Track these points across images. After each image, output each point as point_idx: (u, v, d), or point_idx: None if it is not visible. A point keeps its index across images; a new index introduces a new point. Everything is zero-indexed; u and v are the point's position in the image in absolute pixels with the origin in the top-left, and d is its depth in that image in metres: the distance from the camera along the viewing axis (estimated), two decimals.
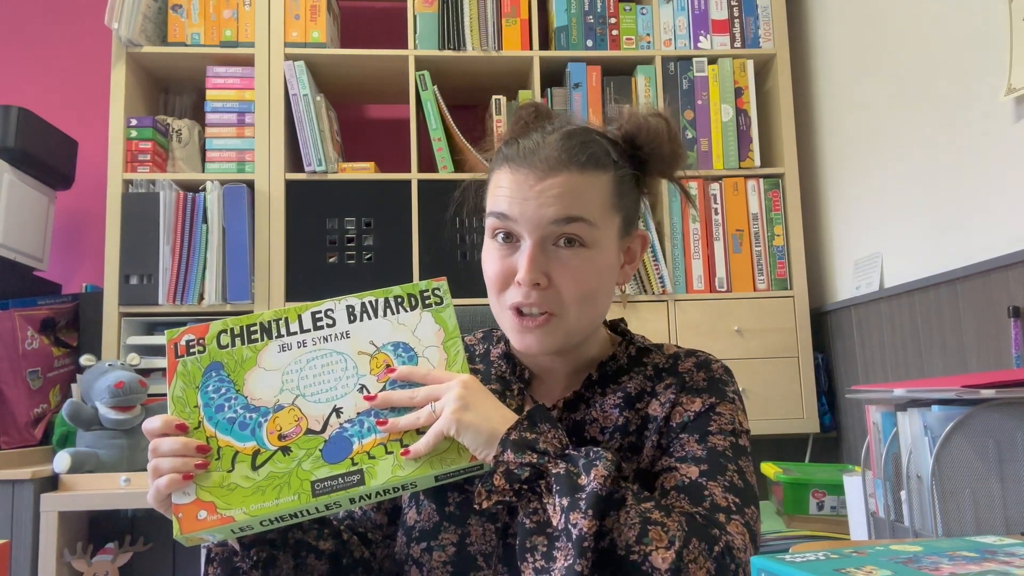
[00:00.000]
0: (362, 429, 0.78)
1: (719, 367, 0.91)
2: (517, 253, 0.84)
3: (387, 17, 2.62)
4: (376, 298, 0.84)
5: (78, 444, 1.89)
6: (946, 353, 1.77)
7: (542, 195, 0.82)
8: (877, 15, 2.09)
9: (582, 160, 0.84)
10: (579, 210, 0.82)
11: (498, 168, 0.87)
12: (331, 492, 0.75)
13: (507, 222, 0.84)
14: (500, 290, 0.86)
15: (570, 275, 0.83)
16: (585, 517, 0.70)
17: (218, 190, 2.16)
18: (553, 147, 0.84)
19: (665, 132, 0.89)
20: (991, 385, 1.09)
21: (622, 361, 0.92)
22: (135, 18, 2.17)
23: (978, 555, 0.51)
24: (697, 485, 0.80)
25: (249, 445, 0.77)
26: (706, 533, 0.74)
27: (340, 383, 0.80)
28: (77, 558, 1.82)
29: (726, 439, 0.84)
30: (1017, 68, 1.53)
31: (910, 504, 1.22)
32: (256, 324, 0.82)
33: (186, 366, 0.80)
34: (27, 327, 2.05)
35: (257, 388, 0.80)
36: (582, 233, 0.83)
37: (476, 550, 0.84)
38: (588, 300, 0.85)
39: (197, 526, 0.74)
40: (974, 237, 1.70)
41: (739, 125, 2.37)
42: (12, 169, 2.11)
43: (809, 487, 1.89)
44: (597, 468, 0.73)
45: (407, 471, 0.77)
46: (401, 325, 0.83)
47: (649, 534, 0.72)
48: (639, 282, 2.25)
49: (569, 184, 0.83)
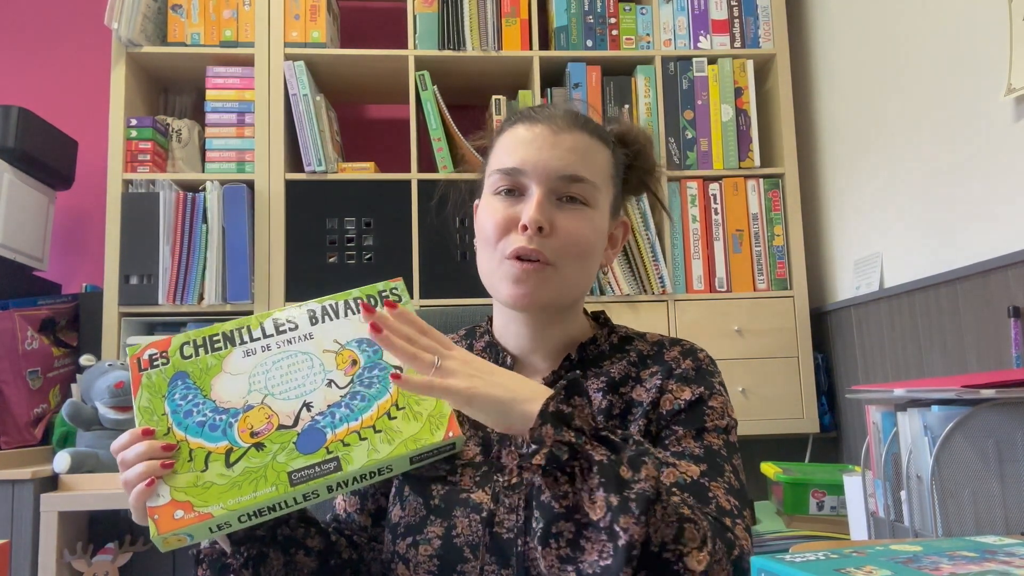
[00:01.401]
0: (334, 420, 0.79)
1: (705, 356, 0.93)
2: (521, 203, 0.87)
3: (387, 17, 2.62)
4: (336, 301, 0.86)
5: (78, 444, 1.89)
6: (946, 353, 1.77)
7: (556, 147, 0.87)
8: (877, 15, 2.09)
9: (591, 127, 0.91)
10: (587, 171, 0.88)
11: (508, 128, 0.93)
12: (309, 480, 0.75)
13: (516, 176, 0.88)
14: (499, 238, 0.88)
15: (572, 227, 0.87)
16: (638, 524, 0.67)
17: (218, 190, 2.16)
18: (564, 113, 0.91)
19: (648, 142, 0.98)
20: (991, 385, 1.09)
21: (604, 347, 0.94)
22: (135, 18, 2.17)
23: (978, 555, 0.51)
24: (700, 486, 0.80)
25: (221, 445, 0.77)
26: (724, 535, 0.74)
27: (308, 380, 0.81)
28: (77, 558, 1.82)
29: (719, 436, 0.85)
30: (1017, 68, 1.53)
31: (910, 504, 1.22)
32: (218, 334, 0.83)
33: (151, 378, 0.81)
34: (27, 327, 2.05)
35: (224, 392, 0.80)
36: (585, 192, 0.88)
37: (463, 542, 0.83)
38: (582, 257, 0.88)
39: (174, 525, 0.73)
40: (974, 237, 1.70)
41: (739, 125, 2.37)
42: (12, 169, 2.11)
43: (809, 487, 1.89)
44: (647, 466, 0.70)
45: (382, 454, 0.77)
46: (363, 323, 0.83)
47: (685, 533, 0.70)
48: (639, 282, 2.25)
49: (582, 142, 0.89)
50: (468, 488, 0.86)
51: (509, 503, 0.83)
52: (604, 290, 2.23)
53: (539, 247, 0.85)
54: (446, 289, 2.16)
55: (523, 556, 0.81)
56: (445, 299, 2.13)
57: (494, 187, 0.90)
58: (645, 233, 2.25)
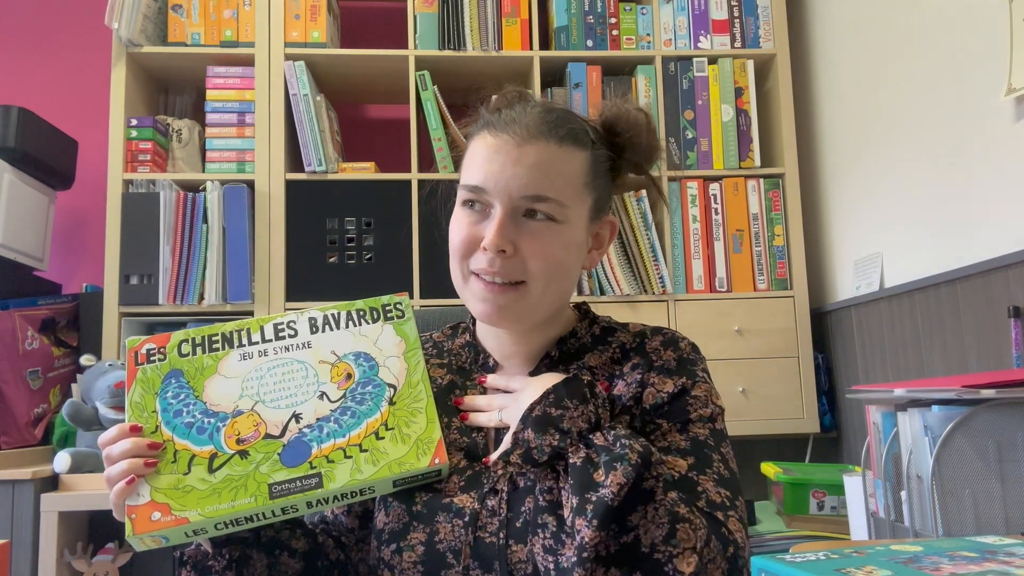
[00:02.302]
0: (321, 434, 0.79)
1: (687, 344, 0.91)
2: (486, 221, 0.85)
3: (387, 17, 2.62)
4: (339, 311, 0.86)
5: (78, 444, 1.89)
6: (946, 353, 1.77)
7: (519, 163, 0.83)
8: (877, 15, 2.09)
9: (561, 133, 0.85)
10: (551, 189, 0.83)
11: (477, 135, 0.89)
12: (288, 495, 0.76)
13: (480, 194, 0.85)
14: (464, 256, 0.86)
15: (538, 247, 0.84)
16: (589, 527, 0.69)
17: (218, 190, 2.16)
18: (534, 117, 0.86)
19: (644, 124, 0.91)
20: (991, 385, 1.09)
21: (584, 339, 0.92)
22: (135, 18, 2.17)
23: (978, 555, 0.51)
24: (688, 480, 0.80)
25: (206, 449, 0.77)
26: (719, 532, 0.74)
27: (300, 390, 0.81)
28: (77, 558, 1.82)
29: (705, 426, 0.85)
30: (1017, 68, 1.53)
31: (910, 504, 1.22)
32: (218, 335, 0.83)
33: (146, 373, 0.81)
34: (27, 327, 2.05)
35: (216, 394, 0.80)
36: (551, 211, 0.84)
37: (445, 547, 0.83)
38: (554, 274, 0.85)
39: (151, 527, 0.73)
40: (974, 237, 1.70)
41: (739, 125, 2.37)
42: (12, 169, 2.11)
43: (809, 487, 1.89)
44: (616, 472, 0.70)
45: (365, 475, 0.77)
46: (363, 336, 0.85)
47: (677, 534, 0.70)
48: (639, 282, 2.25)
49: (546, 154, 0.84)
50: (452, 493, 0.85)
51: (492, 505, 0.83)
52: (604, 290, 2.23)
53: (502, 269, 0.83)
54: (446, 289, 2.14)
55: (506, 558, 0.80)
56: (445, 299, 2.13)
57: (461, 198, 0.88)
58: (645, 233, 2.25)
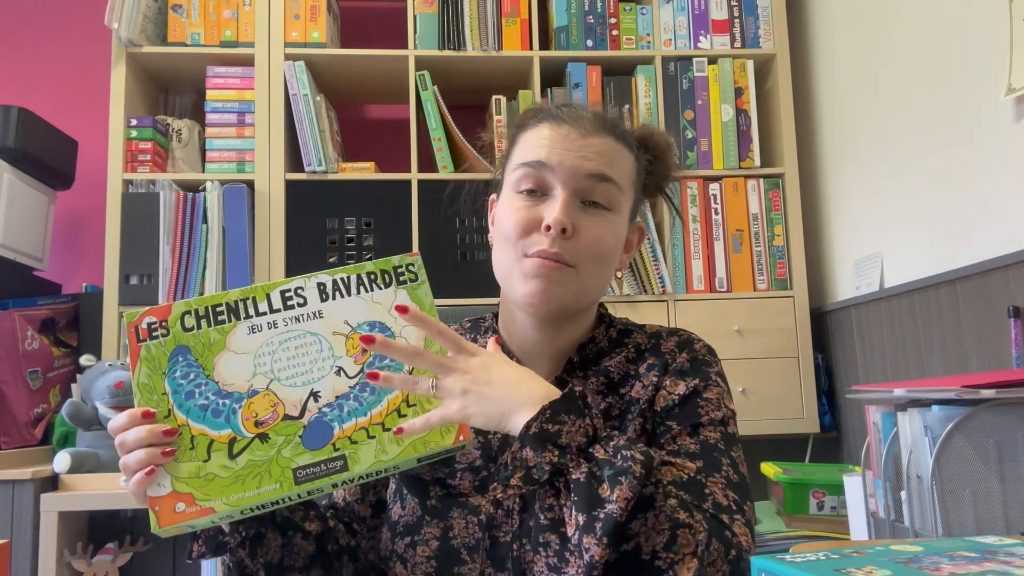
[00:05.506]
0: (342, 413, 0.75)
1: (702, 346, 0.91)
2: (544, 204, 0.86)
3: (387, 17, 2.62)
4: (348, 275, 0.80)
5: (78, 444, 1.89)
6: (946, 353, 1.77)
7: (584, 149, 0.86)
8: (877, 15, 2.09)
9: (618, 131, 0.90)
10: (614, 172, 0.87)
11: (532, 127, 0.91)
12: (314, 479, 0.73)
13: (542, 171, 0.86)
14: (520, 238, 0.86)
15: (594, 231, 0.86)
16: (599, 544, 0.67)
17: (218, 190, 2.16)
18: (593, 115, 0.90)
19: (671, 147, 0.97)
20: (991, 385, 1.09)
21: (602, 343, 0.93)
22: (135, 18, 2.17)
23: (978, 555, 0.51)
24: (697, 483, 0.80)
25: (224, 433, 0.74)
26: (722, 534, 0.74)
27: (316, 366, 0.77)
28: (77, 558, 1.82)
29: (716, 430, 0.84)
30: (1017, 68, 1.53)
31: (910, 504, 1.22)
32: (222, 304, 0.78)
33: (150, 351, 0.76)
34: (27, 327, 2.05)
35: (228, 372, 0.76)
36: (610, 195, 0.87)
37: (460, 543, 0.83)
38: (601, 262, 0.87)
39: (176, 519, 0.71)
40: (974, 237, 1.70)
41: (739, 125, 2.37)
42: (12, 169, 2.11)
43: (809, 487, 1.89)
44: (622, 487, 0.68)
45: (390, 455, 0.74)
46: (376, 304, 0.79)
47: (678, 540, 0.70)
48: (639, 282, 2.25)
49: (608, 147, 0.88)
50: (467, 492, 0.85)
51: (507, 506, 0.83)
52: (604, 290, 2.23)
53: (561, 249, 0.84)
54: (446, 289, 2.16)
55: (519, 560, 0.80)
56: (445, 299, 2.13)
57: (517, 183, 0.88)
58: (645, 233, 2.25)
